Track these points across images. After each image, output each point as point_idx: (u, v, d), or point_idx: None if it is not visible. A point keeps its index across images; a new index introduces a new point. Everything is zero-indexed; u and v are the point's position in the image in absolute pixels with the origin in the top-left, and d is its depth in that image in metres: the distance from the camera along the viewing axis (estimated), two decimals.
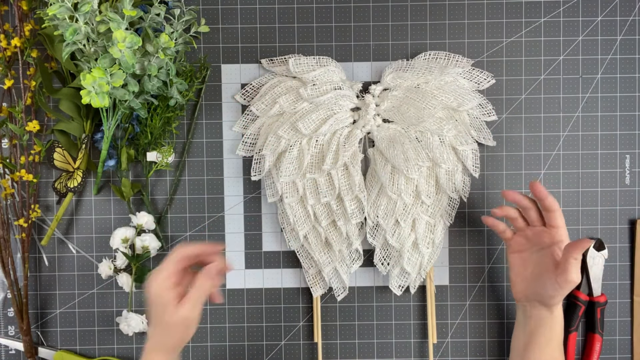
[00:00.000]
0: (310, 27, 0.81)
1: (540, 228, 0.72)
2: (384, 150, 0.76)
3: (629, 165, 0.82)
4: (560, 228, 0.70)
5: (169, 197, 0.82)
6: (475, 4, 0.81)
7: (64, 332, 0.82)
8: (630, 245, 0.82)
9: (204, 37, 0.81)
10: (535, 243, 0.72)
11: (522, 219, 0.74)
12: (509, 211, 0.73)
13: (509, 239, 0.75)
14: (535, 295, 0.71)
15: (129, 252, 0.79)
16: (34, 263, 0.82)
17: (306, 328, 0.83)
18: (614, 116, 0.81)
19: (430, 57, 0.80)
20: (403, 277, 0.79)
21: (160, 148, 0.80)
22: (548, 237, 0.71)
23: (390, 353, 0.83)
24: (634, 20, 0.81)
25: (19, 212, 0.79)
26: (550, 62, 0.81)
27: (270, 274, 0.82)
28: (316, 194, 0.77)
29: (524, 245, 0.74)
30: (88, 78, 0.69)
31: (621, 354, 0.82)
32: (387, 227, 0.76)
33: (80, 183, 0.77)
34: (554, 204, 0.69)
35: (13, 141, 0.79)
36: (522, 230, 0.74)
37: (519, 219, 0.74)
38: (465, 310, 0.82)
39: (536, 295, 0.71)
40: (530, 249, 0.73)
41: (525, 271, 0.73)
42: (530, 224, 0.73)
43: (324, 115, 0.77)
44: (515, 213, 0.74)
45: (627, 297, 0.82)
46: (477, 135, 0.79)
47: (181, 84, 0.77)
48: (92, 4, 0.68)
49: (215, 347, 0.83)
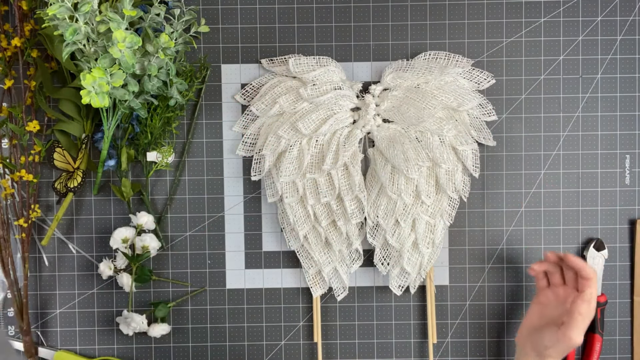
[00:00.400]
0: (310, 27, 0.81)
1: (573, 291, 0.71)
2: (384, 150, 0.76)
3: (629, 165, 0.82)
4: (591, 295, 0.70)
5: (169, 197, 0.82)
6: (475, 4, 0.81)
7: (64, 332, 0.82)
8: (630, 245, 0.82)
9: (204, 37, 0.81)
10: (561, 302, 0.72)
11: (560, 276, 0.73)
12: (549, 267, 0.73)
13: (541, 289, 0.75)
14: (533, 343, 0.71)
15: (129, 252, 0.79)
16: (34, 263, 0.82)
17: (306, 328, 0.83)
18: (614, 116, 0.81)
19: (430, 57, 0.80)
20: (403, 277, 0.79)
21: (160, 148, 0.80)
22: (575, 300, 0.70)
23: (390, 353, 0.83)
24: (634, 20, 0.81)
25: (19, 212, 0.79)
26: (550, 62, 0.81)
27: (270, 274, 0.82)
28: (316, 194, 0.77)
29: (551, 301, 0.73)
30: (88, 78, 0.69)
31: (621, 354, 0.82)
32: (387, 227, 0.76)
33: (80, 183, 0.77)
34: (590, 273, 0.69)
35: (13, 141, 0.79)
36: (555, 287, 0.74)
37: (558, 274, 0.73)
38: (465, 310, 0.82)
39: (534, 344, 0.70)
40: (555, 306, 0.73)
41: (538, 322, 0.73)
42: (567, 284, 0.73)
43: (324, 115, 0.77)
44: (555, 269, 0.73)
45: (627, 297, 0.82)
46: (477, 135, 0.79)
47: (181, 84, 0.77)
48: (92, 4, 0.68)
49: (215, 347, 0.83)
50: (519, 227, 0.82)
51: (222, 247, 0.82)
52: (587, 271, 0.69)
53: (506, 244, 0.82)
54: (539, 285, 0.75)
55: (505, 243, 0.82)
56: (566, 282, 0.72)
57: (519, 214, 0.82)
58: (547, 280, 0.74)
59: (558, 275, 0.73)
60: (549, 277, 0.74)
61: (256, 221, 0.82)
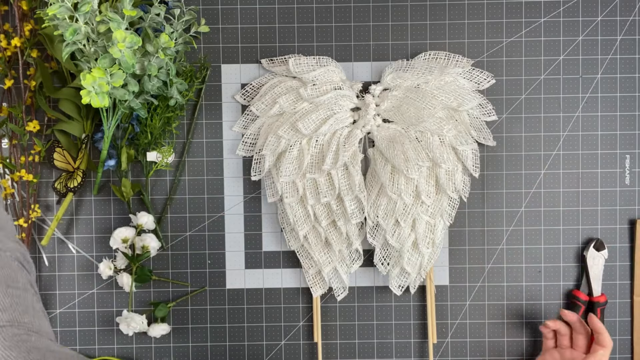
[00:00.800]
0: (310, 27, 0.81)
1: (580, 355, 0.74)
2: (384, 150, 0.76)
3: (629, 165, 0.82)
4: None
5: (169, 197, 0.82)
6: (475, 4, 0.81)
7: (64, 332, 0.82)
8: (630, 245, 0.82)
9: (204, 37, 0.81)
10: None
11: (569, 339, 0.76)
12: (561, 327, 0.76)
13: (548, 349, 0.77)
14: None
15: (129, 252, 0.79)
16: (34, 263, 0.82)
17: (306, 328, 0.83)
18: (614, 116, 0.81)
19: (430, 57, 0.80)
20: (403, 277, 0.79)
21: (160, 148, 0.80)
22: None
23: (390, 353, 0.83)
24: (634, 20, 0.81)
25: (19, 212, 0.79)
26: (550, 62, 0.81)
27: (270, 274, 0.82)
28: (316, 194, 0.77)
29: None
30: (88, 78, 0.69)
31: (621, 354, 0.82)
32: (387, 227, 0.76)
33: (80, 183, 0.77)
34: (607, 341, 0.72)
35: (13, 141, 0.79)
36: (563, 348, 0.76)
37: (567, 337, 0.76)
38: (465, 310, 0.82)
39: None
40: None
41: None
42: (574, 347, 0.75)
43: (324, 115, 0.77)
44: (566, 331, 0.76)
45: (627, 297, 0.82)
46: (477, 135, 0.79)
47: (181, 84, 0.77)
48: (92, 4, 0.68)
49: (215, 347, 0.83)
50: (519, 227, 0.82)
51: (222, 247, 0.82)
52: (605, 338, 0.71)
53: (506, 244, 0.82)
54: (547, 345, 0.78)
55: (505, 243, 0.82)
56: (573, 345, 0.75)
57: (519, 214, 0.82)
58: (554, 341, 0.77)
59: (567, 337, 0.76)
60: (557, 338, 0.77)
61: (256, 221, 0.82)
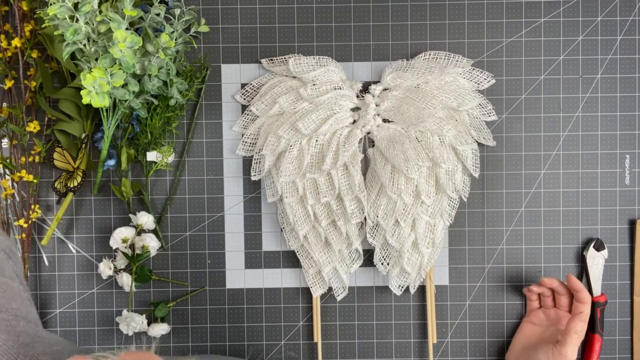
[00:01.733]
0: (310, 27, 0.81)
1: (565, 313, 0.77)
2: (384, 150, 0.76)
3: (629, 165, 0.82)
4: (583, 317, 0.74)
5: (169, 197, 0.82)
6: (475, 4, 0.81)
7: (64, 332, 0.82)
8: (630, 245, 0.82)
9: (204, 37, 0.81)
10: (553, 323, 0.78)
11: (552, 300, 0.79)
12: (545, 290, 0.78)
13: (532, 310, 0.80)
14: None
15: (129, 252, 0.79)
16: (34, 263, 0.82)
17: (306, 328, 0.83)
18: (614, 116, 0.81)
19: (430, 57, 0.80)
20: (403, 277, 0.79)
21: (160, 148, 0.80)
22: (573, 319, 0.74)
23: (390, 353, 0.83)
24: (634, 20, 0.81)
25: (19, 213, 0.79)
26: (550, 62, 0.81)
27: (270, 274, 0.82)
28: (316, 194, 0.77)
29: (542, 322, 0.79)
30: (88, 78, 0.69)
31: (621, 354, 0.82)
32: (387, 227, 0.76)
33: (80, 183, 0.77)
34: (587, 298, 0.73)
35: (13, 141, 0.79)
36: (547, 308, 0.79)
37: (550, 298, 0.79)
38: (465, 310, 0.82)
39: None
40: (546, 326, 0.79)
41: (528, 341, 0.79)
42: (557, 307, 0.78)
43: (324, 115, 0.77)
44: (549, 292, 0.79)
45: (627, 297, 0.82)
46: (477, 135, 0.79)
47: (181, 83, 0.77)
48: (92, 4, 0.68)
49: (215, 347, 0.83)
50: (519, 227, 0.82)
51: (222, 247, 0.82)
52: (584, 295, 0.74)
53: (506, 244, 0.82)
54: (531, 306, 0.81)
55: (505, 243, 0.82)
56: (557, 305, 0.78)
57: (519, 214, 0.82)
58: (539, 302, 0.80)
59: (551, 298, 0.79)
60: (541, 300, 0.79)
61: (256, 221, 0.82)
